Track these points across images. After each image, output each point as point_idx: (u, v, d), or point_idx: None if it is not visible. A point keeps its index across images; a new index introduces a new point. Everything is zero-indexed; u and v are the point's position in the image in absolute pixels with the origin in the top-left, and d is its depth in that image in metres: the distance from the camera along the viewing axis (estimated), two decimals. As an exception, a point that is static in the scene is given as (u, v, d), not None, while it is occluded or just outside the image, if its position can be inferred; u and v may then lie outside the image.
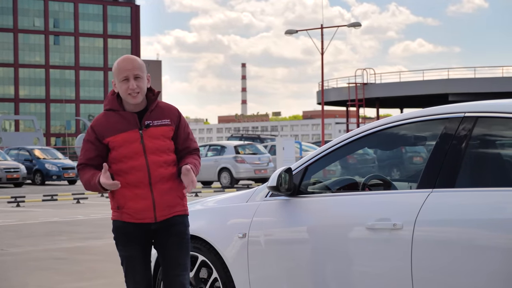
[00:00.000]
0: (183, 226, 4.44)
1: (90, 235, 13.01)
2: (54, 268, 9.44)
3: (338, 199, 4.73)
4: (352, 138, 4.75)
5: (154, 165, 4.30)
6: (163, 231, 4.40)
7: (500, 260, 3.81)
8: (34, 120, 56.81)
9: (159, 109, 4.40)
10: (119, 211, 4.37)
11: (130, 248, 4.41)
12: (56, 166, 32.58)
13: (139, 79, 4.30)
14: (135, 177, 4.29)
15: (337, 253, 4.49)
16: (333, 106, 68.61)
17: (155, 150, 4.31)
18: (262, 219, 4.94)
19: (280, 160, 28.81)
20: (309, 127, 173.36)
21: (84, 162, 4.38)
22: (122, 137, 4.30)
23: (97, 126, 4.36)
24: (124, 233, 4.40)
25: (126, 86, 4.28)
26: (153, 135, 4.32)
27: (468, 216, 3.96)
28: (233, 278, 5.04)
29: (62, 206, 20.11)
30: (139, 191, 4.30)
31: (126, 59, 4.34)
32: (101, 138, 4.33)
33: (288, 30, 41.14)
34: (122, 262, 4.48)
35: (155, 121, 4.35)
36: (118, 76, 4.30)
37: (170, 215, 4.38)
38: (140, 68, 4.31)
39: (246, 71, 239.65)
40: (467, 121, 4.21)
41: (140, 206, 4.32)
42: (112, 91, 4.42)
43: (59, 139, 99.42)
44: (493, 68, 54.94)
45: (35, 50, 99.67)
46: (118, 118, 4.34)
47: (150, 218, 4.34)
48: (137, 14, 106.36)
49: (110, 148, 4.34)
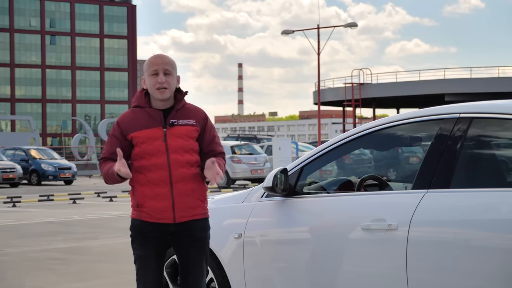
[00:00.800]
0: (203, 230, 4.40)
1: (86, 236, 13.00)
2: (50, 268, 9.44)
3: (333, 199, 4.74)
4: (348, 138, 4.76)
5: (175, 164, 4.27)
6: (182, 235, 4.36)
7: (495, 260, 3.81)
8: (30, 120, 56.70)
9: (186, 109, 4.39)
10: (138, 210, 4.35)
11: (146, 248, 4.36)
12: (52, 166, 32.54)
13: (168, 75, 4.31)
14: (156, 175, 4.27)
15: (332, 254, 4.50)
16: (329, 106, 68.67)
17: (178, 149, 4.29)
18: (258, 219, 4.94)
19: (276, 160, 28.80)
20: (305, 127, 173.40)
21: (106, 156, 4.38)
22: (146, 134, 4.29)
23: (122, 121, 4.38)
24: (141, 232, 4.36)
25: (155, 80, 4.29)
26: (177, 134, 4.30)
27: (463, 217, 3.97)
28: (229, 278, 5.04)
29: (58, 206, 20.09)
30: (159, 190, 4.27)
31: (157, 55, 4.39)
32: (126, 133, 4.34)
33: (285, 30, 41.16)
34: (135, 261, 4.43)
35: (180, 120, 4.34)
36: (148, 70, 4.32)
37: (190, 217, 4.34)
38: (171, 64, 4.34)
39: (242, 71, 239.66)
40: (462, 121, 4.22)
41: (160, 206, 4.28)
42: (142, 88, 4.43)
43: (55, 139, 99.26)
44: (489, 69, 55.03)
45: (31, 50, 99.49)
46: (144, 115, 4.34)
47: (169, 218, 4.30)
48: (134, 14, 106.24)
49: (134, 144, 4.33)
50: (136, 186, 4.35)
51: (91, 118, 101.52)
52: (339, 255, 4.46)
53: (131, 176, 4.24)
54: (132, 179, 4.35)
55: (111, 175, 4.28)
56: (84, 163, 47.36)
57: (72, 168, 33.32)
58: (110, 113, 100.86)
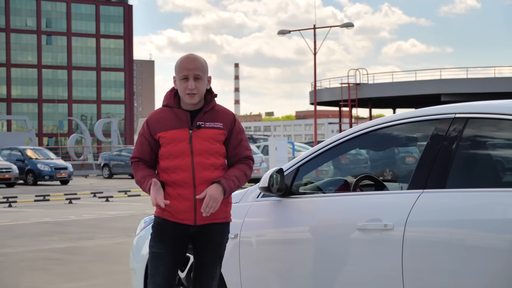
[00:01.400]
0: (221, 235, 4.39)
1: (82, 236, 12.98)
2: (46, 268, 9.42)
3: (329, 199, 4.73)
4: (344, 138, 4.76)
5: (199, 166, 4.25)
6: (201, 238, 4.36)
7: (491, 260, 3.82)
8: (27, 120, 56.59)
9: (214, 112, 4.36)
10: (161, 208, 4.34)
11: (161, 245, 4.34)
12: (48, 166, 32.50)
13: (198, 80, 4.28)
14: (179, 177, 4.26)
15: (328, 254, 4.50)
16: (326, 106, 68.66)
17: (202, 152, 4.26)
18: (254, 219, 4.94)
19: (272, 160, 28.82)
20: (302, 127, 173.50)
21: (137, 156, 4.40)
22: (172, 134, 4.29)
23: (151, 120, 4.38)
24: (161, 230, 4.36)
25: (184, 86, 4.27)
26: (202, 137, 4.28)
27: (459, 217, 3.97)
28: (225, 278, 5.04)
29: (54, 206, 20.06)
30: (182, 192, 4.26)
31: (189, 58, 4.32)
32: (154, 133, 4.34)
33: (281, 30, 41.16)
34: (149, 258, 4.42)
35: (207, 123, 4.31)
36: (178, 74, 4.30)
37: (211, 220, 4.33)
38: (202, 69, 4.29)
39: (239, 71, 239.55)
40: (457, 122, 4.22)
41: (182, 207, 4.28)
42: (172, 87, 4.42)
43: (51, 139, 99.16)
44: (485, 69, 55.22)
45: (27, 50, 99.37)
46: (172, 115, 4.33)
47: (189, 220, 4.29)
48: (130, 14, 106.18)
49: (160, 144, 4.34)
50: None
51: (87, 118, 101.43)
52: (335, 255, 4.46)
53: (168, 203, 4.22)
54: (158, 178, 4.35)
55: (144, 188, 4.33)
56: (80, 163, 47.32)
57: (68, 168, 33.28)
58: (106, 113, 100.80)
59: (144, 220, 5.79)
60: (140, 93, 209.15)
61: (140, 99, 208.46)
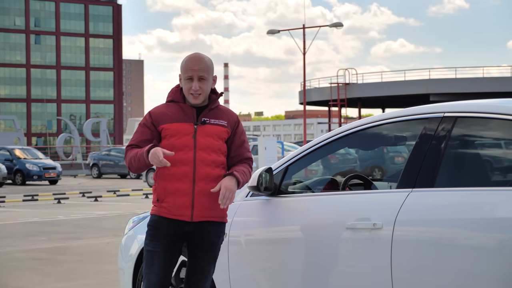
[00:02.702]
0: (216, 236, 4.39)
1: (71, 236, 12.95)
2: (35, 268, 9.39)
3: (318, 199, 4.73)
4: (332, 138, 4.75)
5: (201, 162, 4.27)
6: (196, 238, 4.36)
7: (479, 259, 3.82)
8: (15, 119, 56.37)
9: (219, 110, 4.41)
10: (158, 205, 4.34)
11: (155, 244, 4.33)
12: (37, 166, 32.40)
13: (203, 80, 4.31)
14: (180, 170, 4.26)
15: (317, 253, 4.49)
16: (315, 106, 68.76)
17: (205, 147, 4.29)
18: (243, 219, 4.93)
19: (262, 160, 28.80)
20: (291, 127, 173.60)
21: (134, 143, 4.35)
22: (176, 127, 4.30)
23: (155, 112, 4.38)
24: (156, 229, 4.34)
25: (189, 86, 4.30)
26: (206, 132, 4.31)
27: (447, 216, 3.97)
28: (213, 278, 5.02)
29: (42, 206, 20.00)
30: (180, 186, 4.26)
31: (194, 59, 4.33)
32: (156, 124, 4.34)
33: (270, 30, 41.16)
34: (144, 256, 4.40)
35: (212, 120, 4.35)
36: (184, 74, 4.33)
37: (207, 218, 4.32)
38: (207, 69, 4.32)
39: (228, 71, 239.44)
40: (446, 121, 4.22)
41: (179, 202, 4.28)
42: (178, 84, 4.43)
43: (40, 139, 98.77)
44: (474, 69, 55.28)
45: (15, 49, 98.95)
46: (177, 109, 4.36)
47: (186, 216, 4.29)
48: (119, 14, 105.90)
49: (162, 137, 4.33)
50: (159, 180, 4.34)
51: (76, 118, 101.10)
52: (324, 254, 4.46)
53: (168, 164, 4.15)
54: (156, 173, 4.35)
55: (139, 156, 4.23)
56: (69, 163, 47.18)
57: (57, 168, 33.19)
58: (95, 113, 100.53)
59: (132, 219, 5.77)
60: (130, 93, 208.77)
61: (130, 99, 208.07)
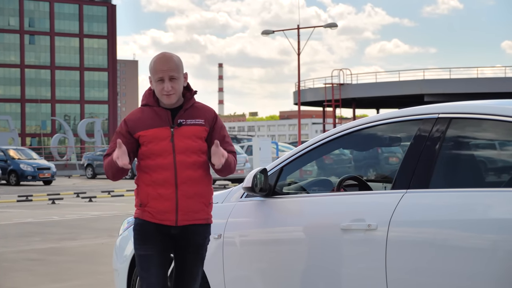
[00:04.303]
0: (202, 237, 4.34)
1: (65, 236, 12.93)
2: (29, 269, 9.37)
3: (313, 199, 4.73)
4: (327, 138, 4.76)
5: (182, 165, 4.20)
6: (182, 240, 4.30)
7: (474, 260, 3.82)
8: (9, 120, 56.24)
9: (195, 109, 4.31)
10: (141, 209, 4.29)
11: (147, 247, 4.28)
12: (31, 166, 32.33)
13: (174, 80, 4.21)
14: (161, 176, 4.20)
15: (311, 254, 4.49)
16: (309, 107, 68.81)
17: (184, 150, 4.21)
18: (237, 220, 4.93)
19: (256, 160, 28.82)
20: (286, 127, 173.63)
21: (111, 152, 4.28)
22: (153, 133, 4.22)
23: (130, 119, 4.31)
24: (143, 232, 4.29)
25: (161, 87, 4.21)
26: (184, 134, 4.23)
27: (442, 217, 3.97)
28: (208, 278, 5.03)
29: (37, 206, 19.96)
30: (163, 191, 4.20)
31: (162, 59, 4.24)
32: (132, 131, 4.26)
33: (265, 31, 41.17)
34: (137, 262, 4.34)
35: (188, 120, 4.25)
36: (154, 76, 4.23)
37: (192, 221, 4.27)
38: (176, 69, 4.22)
39: (223, 71, 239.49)
40: (441, 122, 4.23)
41: (162, 207, 4.21)
42: (150, 87, 4.35)
43: (34, 139, 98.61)
44: (468, 69, 55.39)
45: (10, 50, 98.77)
46: (152, 114, 4.27)
47: (171, 220, 4.23)
48: (113, 14, 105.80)
49: (140, 144, 4.27)
50: (140, 185, 4.29)
51: (70, 118, 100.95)
52: (319, 255, 4.46)
53: (129, 167, 4.13)
54: (138, 178, 4.31)
55: (110, 162, 4.20)
56: (64, 163, 47.10)
57: (51, 168, 33.13)
58: (89, 113, 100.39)
59: (127, 220, 5.77)
60: (124, 93, 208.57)
61: (124, 99, 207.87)
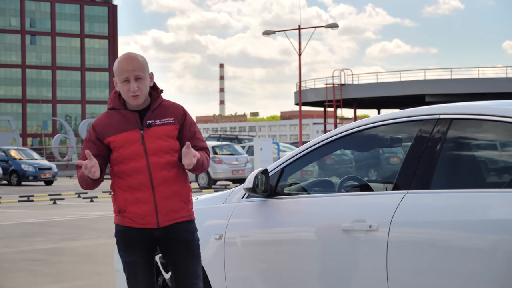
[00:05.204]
0: (189, 233, 4.24)
1: (67, 236, 12.94)
2: (30, 269, 9.38)
3: (314, 200, 4.74)
4: (329, 139, 4.76)
5: (155, 167, 4.11)
6: (168, 240, 4.21)
7: (475, 261, 3.83)
8: (10, 120, 56.28)
9: (163, 108, 4.20)
10: (120, 215, 4.20)
11: (132, 253, 4.21)
12: (32, 166, 32.35)
13: (140, 80, 4.12)
14: (136, 180, 4.11)
15: (313, 254, 4.50)
16: (311, 107, 68.79)
17: (157, 151, 4.12)
18: (239, 220, 4.94)
19: (257, 160, 28.83)
20: (287, 127, 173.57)
21: (82, 159, 4.12)
22: (122, 137, 4.13)
23: (98, 125, 4.21)
24: (126, 238, 4.21)
25: (127, 88, 4.11)
26: (154, 135, 4.13)
27: (443, 218, 3.98)
28: (210, 279, 5.03)
29: (38, 207, 19.97)
30: (140, 195, 4.12)
31: (126, 59, 4.15)
32: (102, 137, 4.16)
33: (266, 31, 41.18)
34: (124, 268, 4.28)
35: (157, 120, 4.15)
36: (119, 77, 4.14)
37: (174, 221, 4.19)
38: (141, 68, 4.13)
39: (223, 71, 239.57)
40: (442, 123, 4.23)
41: (142, 211, 4.13)
42: (115, 90, 4.27)
43: (35, 140, 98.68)
44: (469, 69, 55.42)
45: (11, 50, 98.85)
46: (120, 118, 4.17)
47: (152, 223, 4.15)
48: (115, 14, 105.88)
49: (112, 149, 4.18)
50: (117, 191, 4.21)
51: (71, 118, 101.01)
52: (320, 256, 4.47)
53: (97, 176, 4.05)
54: (113, 184, 4.23)
55: (83, 175, 4.11)
56: (65, 163, 47.11)
57: (52, 168, 33.14)
58: (91, 113, 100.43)
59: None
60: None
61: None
